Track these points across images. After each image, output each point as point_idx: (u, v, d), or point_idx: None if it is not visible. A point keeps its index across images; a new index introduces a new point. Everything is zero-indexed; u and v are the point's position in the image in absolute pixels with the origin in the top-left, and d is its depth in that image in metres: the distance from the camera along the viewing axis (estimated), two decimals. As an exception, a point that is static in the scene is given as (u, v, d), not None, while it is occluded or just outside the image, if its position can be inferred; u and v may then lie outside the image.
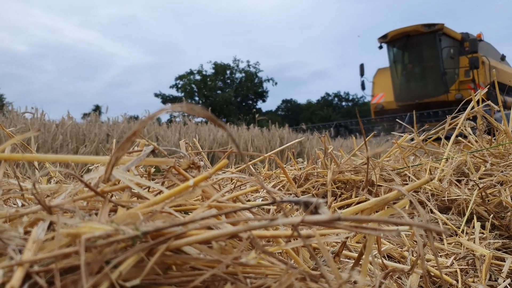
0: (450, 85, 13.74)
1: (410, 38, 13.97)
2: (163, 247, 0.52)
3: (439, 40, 13.47)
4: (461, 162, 1.87)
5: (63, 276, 0.49)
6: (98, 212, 0.65)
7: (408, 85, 14.59)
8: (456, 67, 13.73)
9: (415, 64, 14.54)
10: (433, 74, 13.89)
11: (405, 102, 14.49)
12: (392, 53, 14.87)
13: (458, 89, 13.54)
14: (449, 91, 13.71)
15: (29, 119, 7.15)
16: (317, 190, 1.71)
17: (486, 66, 13.35)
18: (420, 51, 14.17)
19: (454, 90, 13.67)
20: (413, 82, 14.52)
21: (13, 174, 0.89)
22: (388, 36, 14.19)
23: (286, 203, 0.56)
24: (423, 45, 14.00)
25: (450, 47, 13.70)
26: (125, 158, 0.67)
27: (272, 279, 0.57)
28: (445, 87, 13.70)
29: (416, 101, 14.00)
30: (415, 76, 14.53)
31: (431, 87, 13.95)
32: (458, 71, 13.73)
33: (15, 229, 0.56)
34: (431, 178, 0.73)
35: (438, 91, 13.79)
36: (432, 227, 0.43)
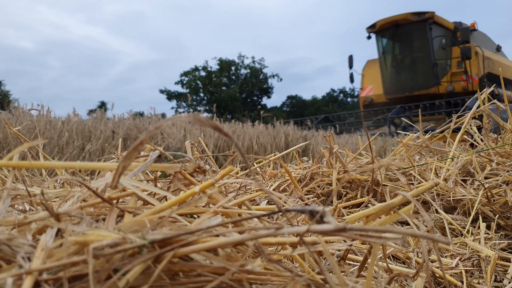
0: (441, 77, 13.21)
1: (399, 28, 13.33)
2: (170, 254, 0.53)
3: (430, 29, 12.86)
4: (467, 161, 1.86)
5: (71, 284, 0.50)
6: (105, 217, 0.66)
7: (398, 77, 14.02)
8: (448, 58, 13.20)
9: (404, 55, 13.96)
10: (424, 65, 13.30)
11: (394, 95, 14.00)
12: (381, 44, 14.24)
13: (450, 81, 13.05)
14: (440, 83, 13.18)
15: (35, 116, 7.18)
16: (322, 189, 1.71)
17: (479, 57, 12.76)
18: (409, 41, 13.59)
19: (445, 82, 13.16)
20: (402, 74, 13.93)
21: (21, 179, 0.90)
22: (376, 26, 13.57)
23: (291, 211, 0.56)
24: (412, 34, 13.38)
25: (441, 36, 13.12)
26: (132, 164, 0.67)
27: (278, 286, 0.58)
28: (436, 79, 13.17)
29: (406, 94, 13.55)
30: (405, 68, 13.95)
31: (422, 79, 13.41)
32: (450, 62, 13.22)
33: (23, 236, 0.56)
34: (436, 183, 0.73)
35: (429, 83, 13.29)
36: (437, 239, 0.43)
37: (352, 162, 1.90)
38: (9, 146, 5.95)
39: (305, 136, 10.20)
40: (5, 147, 5.95)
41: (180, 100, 37.20)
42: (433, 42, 12.97)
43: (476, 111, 2.11)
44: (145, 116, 8.98)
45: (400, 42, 13.89)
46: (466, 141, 2.28)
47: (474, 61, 12.60)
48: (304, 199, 1.25)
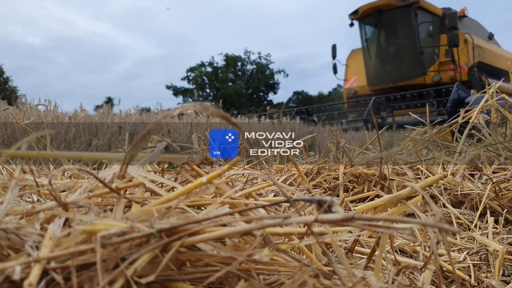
0: (428, 66, 12.26)
1: (383, 14, 12.36)
2: (177, 244, 0.53)
3: (415, 15, 11.87)
4: (475, 156, 1.85)
5: (79, 273, 0.50)
6: (113, 208, 0.66)
7: (382, 67, 13.00)
8: (436, 46, 12.18)
9: (389, 43, 12.94)
10: (409, 54, 12.37)
11: (378, 86, 13.00)
12: (364, 31, 13.24)
13: (438, 71, 12.08)
14: (426, 72, 12.22)
15: (42, 112, 7.22)
16: (329, 184, 1.71)
17: (469, 45, 11.78)
18: (393, 28, 12.60)
19: (433, 72, 12.20)
20: (387, 64, 12.91)
21: (29, 169, 0.91)
22: (359, 12, 12.65)
23: (299, 201, 0.56)
24: (396, 21, 12.36)
25: (428, 23, 12.14)
26: (139, 155, 0.67)
27: (285, 276, 0.58)
28: (421, 69, 12.21)
29: (390, 85, 12.61)
30: (389, 57, 12.91)
31: (407, 69, 12.41)
32: (438, 51, 12.18)
33: (31, 226, 0.57)
34: (445, 175, 0.72)
35: (414, 73, 12.31)
36: (447, 227, 0.43)
37: (359, 156, 1.89)
38: (17, 141, 5.97)
39: (312, 131, 10.18)
40: (12, 142, 5.98)
41: (186, 96, 37.19)
42: (419, 29, 12.09)
43: (484, 105, 2.10)
44: (151, 112, 9.01)
45: (384, 29, 12.96)
46: (474, 135, 2.26)
47: (463, 49, 11.70)
48: (312, 191, 1.25)
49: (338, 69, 13.86)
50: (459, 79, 11.35)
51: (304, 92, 55.08)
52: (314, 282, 0.55)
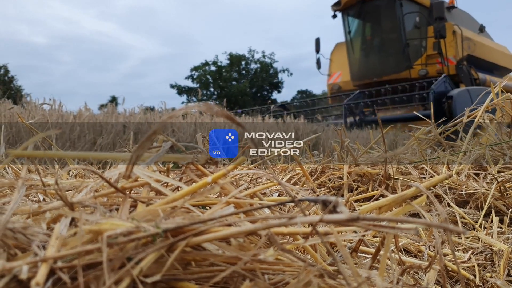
0: (414, 59, 11.60)
1: (366, 4, 11.73)
2: (183, 243, 0.53)
3: (400, 5, 11.18)
4: (479, 155, 1.85)
5: (86, 272, 0.50)
6: (118, 207, 0.66)
7: (366, 60, 12.30)
8: (423, 38, 11.49)
9: (373, 35, 12.24)
10: (394, 46, 11.67)
11: (361, 81, 12.35)
12: (347, 23, 12.49)
13: (425, 64, 11.39)
14: (412, 66, 11.54)
15: (47, 111, 7.24)
16: (333, 183, 1.71)
17: (457, 37, 11.10)
18: (377, 19, 11.90)
19: (420, 65, 11.51)
20: (371, 57, 12.19)
21: (35, 169, 0.91)
22: (341, 3, 12.00)
23: (304, 201, 0.56)
24: (381, 11, 11.66)
25: (414, 13, 11.40)
26: (145, 155, 0.68)
27: (290, 276, 0.58)
28: (407, 62, 11.52)
29: (374, 79, 11.95)
30: (373, 50, 12.22)
31: (392, 62, 11.71)
32: (426, 43, 11.48)
33: (38, 225, 0.57)
34: (450, 175, 0.72)
35: (399, 67, 11.61)
36: (451, 228, 0.43)
37: (363, 156, 1.89)
38: (22, 140, 6.01)
39: (316, 130, 10.15)
40: (17, 141, 6.01)
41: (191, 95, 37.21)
42: (405, 20, 11.37)
43: (489, 105, 2.09)
44: (155, 111, 9.02)
45: (368, 21, 12.25)
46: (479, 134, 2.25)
47: (452, 41, 11.06)
48: (316, 190, 1.25)
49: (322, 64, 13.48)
50: (447, 73, 10.80)
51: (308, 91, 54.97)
52: (319, 281, 0.56)
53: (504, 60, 13.39)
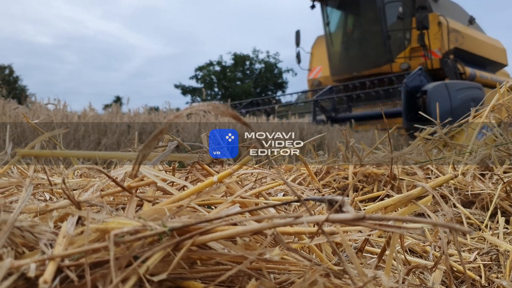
0: (397, 52, 10.68)
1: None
2: (189, 242, 0.53)
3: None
4: (485, 155, 1.84)
5: (93, 270, 0.51)
6: (124, 206, 0.66)
7: (345, 54, 11.42)
8: (407, 29, 10.50)
9: (353, 27, 11.37)
10: (374, 38, 10.78)
11: (341, 76, 11.42)
12: (326, 14, 11.51)
13: (409, 57, 10.48)
14: (393, 60, 10.63)
15: (51, 111, 7.27)
16: (338, 183, 1.71)
17: (443, 28, 10.20)
18: (357, 9, 11.01)
19: (402, 59, 10.59)
20: (351, 50, 11.33)
21: (42, 168, 0.92)
22: None
23: (310, 201, 0.56)
24: (360, 1, 10.82)
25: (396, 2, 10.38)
26: (151, 154, 0.68)
27: (296, 275, 0.58)
28: (388, 55, 10.63)
29: (354, 74, 11.11)
30: (354, 43, 11.35)
31: (372, 56, 10.84)
32: (410, 35, 10.51)
33: (45, 224, 0.57)
34: (456, 175, 0.72)
35: (380, 61, 10.72)
36: (457, 227, 0.43)
37: (368, 156, 1.88)
38: (27, 140, 6.03)
39: (320, 130, 10.10)
40: (22, 141, 6.03)
41: (195, 95, 37.24)
42: (386, 10, 10.43)
43: (496, 105, 2.08)
44: (160, 111, 9.05)
45: (347, 11, 11.32)
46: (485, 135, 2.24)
47: (437, 33, 10.16)
48: (321, 190, 1.25)
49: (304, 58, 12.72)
50: (430, 67, 10.20)
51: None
52: (325, 281, 0.56)
53: (496, 54, 12.58)
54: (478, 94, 9.50)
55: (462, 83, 9.66)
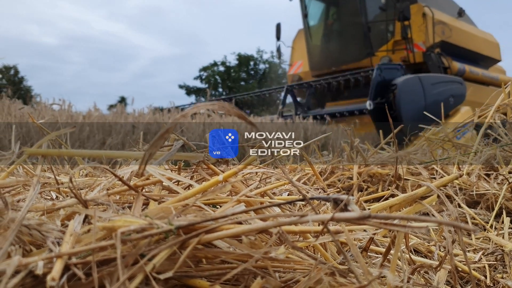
0: (378, 45, 9.87)
1: None
2: (195, 240, 0.53)
3: None
4: (490, 156, 1.84)
5: (99, 268, 0.51)
6: (131, 205, 0.67)
7: (324, 48, 10.63)
8: (390, 21, 9.66)
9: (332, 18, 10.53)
10: (354, 31, 10.00)
11: (320, 71, 10.58)
12: (304, 5, 10.77)
13: (392, 50, 9.69)
14: (374, 53, 9.82)
15: (56, 111, 7.30)
16: (343, 183, 1.71)
17: (428, 20, 9.52)
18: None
19: (385, 52, 9.79)
20: (330, 44, 10.51)
21: (48, 168, 0.92)
22: None
23: (316, 200, 0.56)
24: None
25: None
26: (157, 153, 0.68)
27: (301, 274, 0.58)
28: (368, 49, 9.83)
29: (333, 69, 10.21)
30: (333, 36, 10.54)
31: (352, 49, 10.03)
32: (394, 28, 9.69)
33: (53, 222, 0.58)
34: (460, 174, 0.72)
35: (361, 54, 9.89)
36: (462, 226, 0.43)
37: (373, 156, 1.88)
38: (32, 140, 6.06)
39: (325, 130, 10.03)
40: (28, 141, 6.06)
41: (199, 95, 37.29)
42: (367, 1, 9.75)
43: (500, 104, 2.07)
44: (164, 111, 9.07)
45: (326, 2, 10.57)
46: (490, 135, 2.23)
47: (421, 25, 9.52)
48: (326, 190, 1.25)
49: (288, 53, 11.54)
50: (413, 61, 9.50)
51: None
52: (330, 279, 0.56)
53: (489, 49, 11.75)
54: (458, 89, 8.90)
55: (440, 76, 8.90)
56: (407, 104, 7.79)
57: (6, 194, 0.70)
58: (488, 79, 11.27)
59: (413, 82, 8.12)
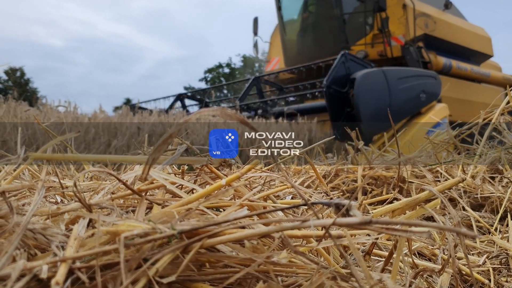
0: (355, 39, 9.18)
1: None
2: (197, 245, 0.54)
3: None
4: (495, 158, 1.83)
5: (103, 272, 0.51)
6: (134, 209, 0.67)
7: (299, 42, 9.98)
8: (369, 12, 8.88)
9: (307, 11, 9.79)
10: (329, 24, 9.26)
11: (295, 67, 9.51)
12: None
13: (371, 44, 8.98)
14: (350, 47, 9.00)
15: (62, 113, 7.33)
16: (347, 186, 1.71)
17: (408, 12, 8.83)
18: None
19: (363, 46, 9.07)
20: (305, 38, 9.85)
21: (53, 171, 0.93)
22: None
23: (317, 204, 0.57)
24: None
25: None
26: (160, 157, 0.69)
27: (303, 278, 0.58)
28: (343, 42, 9.08)
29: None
30: (307, 29, 9.83)
31: (328, 44, 9.23)
32: (373, 20, 8.91)
33: (57, 226, 0.58)
34: (463, 178, 0.72)
35: (335, 49, 8.80)
36: (463, 231, 0.43)
37: (378, 158, 1.88)
38: (38, 142, 6.09)
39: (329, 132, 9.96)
40: (33, 143, 6.09)
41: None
42: None
43: (506, 107, 2.06)
44: (169, 113, 9.08)
45: None
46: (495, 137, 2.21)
47: (401, 17, 8.84)
48: (330, 194, 1.25)
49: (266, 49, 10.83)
50: (390, 55, 8.79)
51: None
52: (332, 284, 0.56)
53: (479, 44, 10.90)
54: (431, 84, 8.04)
55: (409, 70, 7.98)
56: (368, 101, 6.87)
57: (12, 198, 0.70)
58: (479, 76, 10.57)
59: (374, 76, 7.19)
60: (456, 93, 9.30)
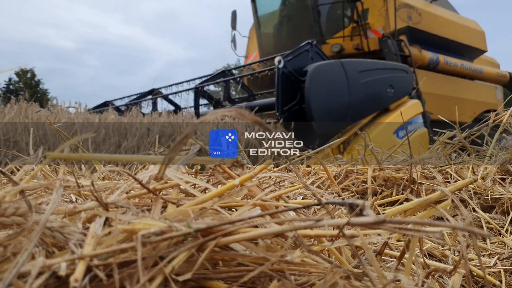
0: (331, 32, 8.54)
1: None
2: (212, 243, 0.55)
3: None
4: (505, 159, 1.82)
5: (120, 270, 0.52)
6: (149, 208, 0.68)
7: (273, 35, 9.44)
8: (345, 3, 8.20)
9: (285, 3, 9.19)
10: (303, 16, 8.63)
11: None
12: None
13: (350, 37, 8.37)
14: (325, 41, 8.41)
15: (73, 114, 7.39)
16: (357, 187, 1.71)
17: (389, 3, 8.21)
18: None
19: (341, 39, 8.42)
20: (279, 31, 9.32)
21: (68, 171, 0.94)
22: None
23: (331, 204, 0.57)
24: None
25: None
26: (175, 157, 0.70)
27: (317, 277, 0.59)
28: (318, 36, 8.36)
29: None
30: (281, 22, 9.30)
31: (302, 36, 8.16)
32: (352, 12, 8.24)
33: (74, 225, 0.59)
34: (475, 179, 0.73)
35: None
36: (477, 231, 0.44)
37: (387, 160, 1.88)
38: (48, 142, 6.14)
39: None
40: (44, 144, 6.13)
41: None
42: None
43: None
44: (179, 114, 9.12)
45: None
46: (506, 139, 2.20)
47: (381, 8, 8.25)
48: (341, 194, 1.26)
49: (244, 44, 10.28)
50: (367, 49, 8.12)
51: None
52: (345, 283, 0.57)
53: (471, 38, 10.14)
54: (401, 78, 7.23)
55: (373, 62, 7.06)
56: (321, 97, 5.98)
57: (29, 197, 0.72)
58: (470, 72, 9.92)
59: (330, 69, 6.24)
60: (441, 90, 8.78)
